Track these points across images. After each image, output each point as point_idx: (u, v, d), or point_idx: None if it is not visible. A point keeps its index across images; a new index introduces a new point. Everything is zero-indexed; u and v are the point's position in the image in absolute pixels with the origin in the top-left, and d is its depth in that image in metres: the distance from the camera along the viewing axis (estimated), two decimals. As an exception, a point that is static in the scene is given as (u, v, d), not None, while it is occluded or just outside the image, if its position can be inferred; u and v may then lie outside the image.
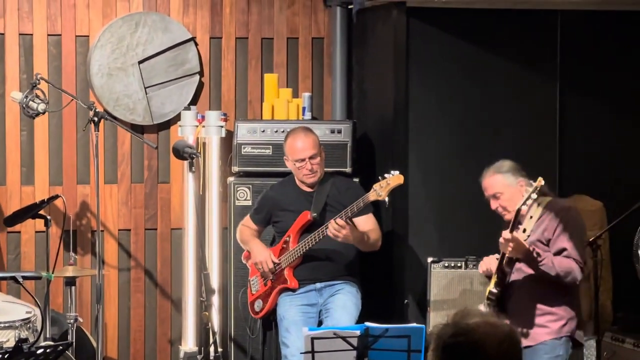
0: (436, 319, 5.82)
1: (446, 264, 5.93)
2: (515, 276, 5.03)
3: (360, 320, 5.35)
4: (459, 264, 5.92)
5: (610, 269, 6.04)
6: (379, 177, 5.34)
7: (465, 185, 6.14)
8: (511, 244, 4.83)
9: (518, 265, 5.00)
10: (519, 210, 4.88)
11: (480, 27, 6.14)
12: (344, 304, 5.53)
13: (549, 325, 5.00)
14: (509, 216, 5.00)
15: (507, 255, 4.91)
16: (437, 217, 6.14)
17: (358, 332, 4.57)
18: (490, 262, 5.12)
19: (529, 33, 6.17)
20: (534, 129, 6.18)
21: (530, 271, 4.95)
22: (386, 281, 6.14)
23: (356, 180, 5.98)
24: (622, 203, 5.76)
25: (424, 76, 6.13)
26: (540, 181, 4.80)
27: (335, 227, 5.34)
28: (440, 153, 6.16)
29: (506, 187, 5.05)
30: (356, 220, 5.51)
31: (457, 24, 6.12)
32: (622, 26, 6.21)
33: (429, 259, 5.94)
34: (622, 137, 6.20)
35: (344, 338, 4.56)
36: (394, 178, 5.32)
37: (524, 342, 4.98)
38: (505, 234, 4.85)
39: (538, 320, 5.01)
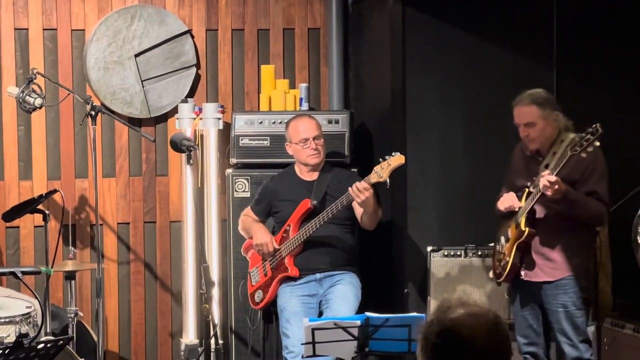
0: (437, 307, 5.81)
1: (446, 253, 5.93)
2: (542, 213, 5.04)
3: (361, 310, 5.35)
4: (458, 253, 5.92)
5: (609, 255, 6.03)
6: (379, 160, 5.31)
7: (463, 174, 6.15)
8: (556, 186, 4.82)
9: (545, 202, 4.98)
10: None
11: (476, 15, 6.13)
12: (344, 294, 5.53)
13: (572, 260, 5.05)
14: (534, 147, 5.03)
15: (549, 195, 4.87)
16: (436, 206, 6.14)
17: (358, 322, 4.57)
18: (511, 200, 5.09)
19: (524, 19, 6.16)
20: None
21: (557, 208, 4.95)
22: (386, 271, 6.14)
23: (354, 170, 5.97)
24: (620, 188, 5.75)
25: (421, 65, 6.12)
26: (598, 128, 4.70)
27: (360, 189, 5.31)
28: (438, 141, 6.15)
29: (540, 118, 5.02)
30: None
31: (452, 12, 6.11)
32: (618, 10, 6.20)
33: (429, 248, 5.94)
34: (619, 122, 6.18)
35: (344, 328, 4.57)
36: (395, 158, 5.27)
37: (547, 278, 5.08)
38: (550, 177, 4.82)
39: (562, 255, 5.05)
